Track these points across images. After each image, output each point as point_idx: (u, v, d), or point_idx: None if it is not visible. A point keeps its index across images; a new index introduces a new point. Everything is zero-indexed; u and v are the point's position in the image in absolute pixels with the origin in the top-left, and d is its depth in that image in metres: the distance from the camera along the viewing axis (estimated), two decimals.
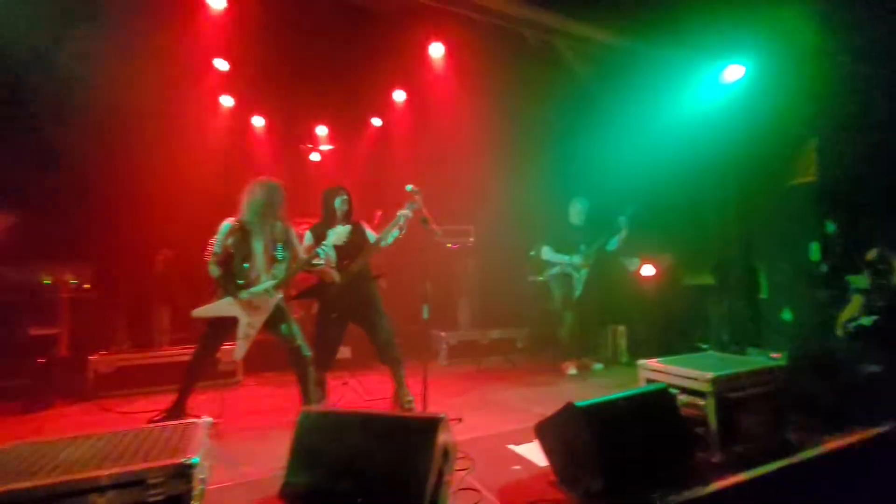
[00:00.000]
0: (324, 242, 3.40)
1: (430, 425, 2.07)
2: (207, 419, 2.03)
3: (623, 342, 5.32)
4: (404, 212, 3.78)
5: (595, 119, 5.83)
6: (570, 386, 4.48)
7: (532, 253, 6.25)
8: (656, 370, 2.94)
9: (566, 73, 5.79)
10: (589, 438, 2.26)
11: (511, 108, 6.11)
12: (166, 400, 3.72)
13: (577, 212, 4.92)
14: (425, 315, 3.31)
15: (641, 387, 2.91)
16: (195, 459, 1.61)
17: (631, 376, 4.50)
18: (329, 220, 3.76)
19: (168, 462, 1.57)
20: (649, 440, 2.40)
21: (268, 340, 3.59)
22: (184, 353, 4.39)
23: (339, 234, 3.44)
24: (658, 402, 2.56)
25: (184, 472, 1.56)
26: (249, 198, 3.34)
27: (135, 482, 1.50)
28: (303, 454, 2.15)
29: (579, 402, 2.37)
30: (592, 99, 5.83)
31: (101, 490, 1.47)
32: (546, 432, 2.53)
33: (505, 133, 6.18)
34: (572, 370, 4.82)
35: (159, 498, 1.50)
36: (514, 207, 6.40)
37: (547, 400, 3.95)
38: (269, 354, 4.55)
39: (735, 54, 4.85)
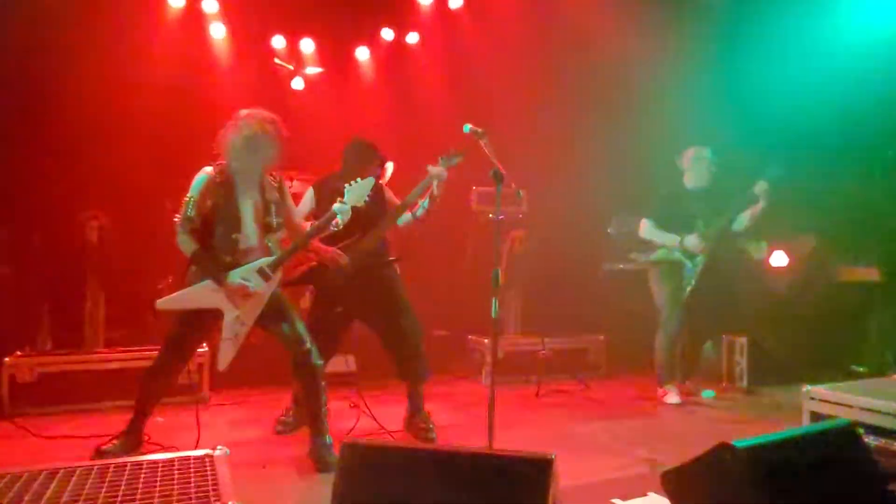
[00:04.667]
0: (341, 200, 3.37)
1: (540, 469, 2.06)
2: (224, 449, 2.03)
3: (744, 360, 5.34)
4: (437, 169, 3.78)
5: (713, 43, 5.72)
6: (674, 419, 4.53)
7: (610, 230, 6.38)
8: (829, 401, 2.96)
9: None
10: (756, 493, 2.26)
11: (587, 24, 6.03)
12: (107, 421, 3.84)
13: (697, 167, 4.84)
14: (494, 312, 3.27)
15: (810, 423, 2.98)
16: None
17: (756, 408, 4.74)
18: (348, 179, 3.71)
19: None
20: (832, 496, 2.40)
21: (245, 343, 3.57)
22: (125, 358, 4.51)
23: (358, 189, 3.40)
24: (842, 446, 2.55)
25: None
26: (235, 139, 3.29)
27: None
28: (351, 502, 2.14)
29: (739, 442, 2.36)
30: (712, 14, 5.78)
31: None
32: (681, 483, 2.51)
33: (576, 60, 6.14)
34: (673, 397, 4.86)
35: None
36: (584, 164, 6.36)
37: (648, 438, 4.00)
38: (247, 362, 4.37)
39: None
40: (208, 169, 3.35)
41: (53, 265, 4.87)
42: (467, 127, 3.47)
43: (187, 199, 3.30)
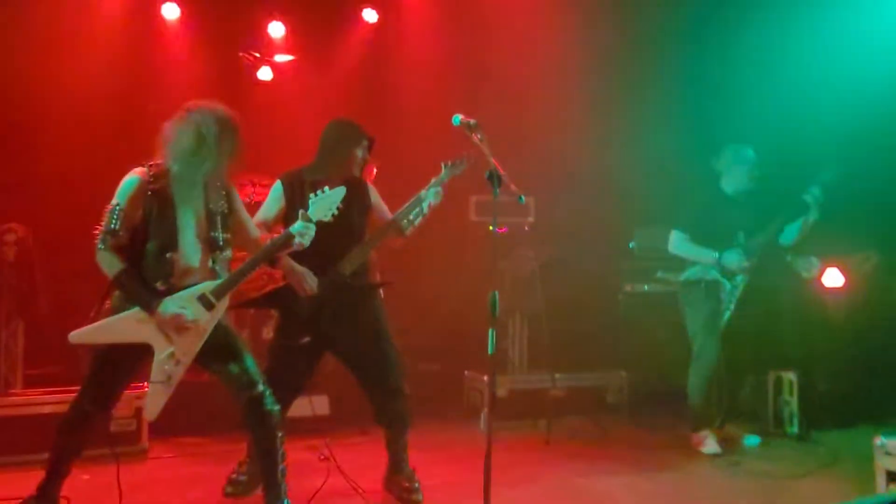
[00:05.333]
0: (304, 212, 3.29)
1: None
2: None
3: (793, 400, 5.21)
4: (430, 192, 3.82)
5: (754, 29, 5.76)
6: (712, 474, 4.44)
7: (632, 244, 6.38)
8: None
9: None
10: None
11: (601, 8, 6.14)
12: (21, 479, 3.63)
13: (738, 169, 4.80)
14: (490, 347, 3.12)
15: (888, 486, 2.91)
16: None
17: (810, 459, 4.65)
18: (327, 172, 3.74)
19: None
20: None
21: (193, 381, 3.59)
22: (49, 401, 4.39)
23: (325, 201, 3.31)
24: None
25: None
26: (183, 136, 3.19)
27: None
28: None
29: None
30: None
31: None
32: None
33: (595, 41, 6.17)
34: (710, 446, 4.75)
35: None
36: (603, 166, 6.37)
37: (681, 497, 3.94)
38: (193, 406, 4.61)
39: None
40: (140, 170, 3.24)
41: None
42: (457, 118, 3.38)
43: (112, 206, 3.17)
